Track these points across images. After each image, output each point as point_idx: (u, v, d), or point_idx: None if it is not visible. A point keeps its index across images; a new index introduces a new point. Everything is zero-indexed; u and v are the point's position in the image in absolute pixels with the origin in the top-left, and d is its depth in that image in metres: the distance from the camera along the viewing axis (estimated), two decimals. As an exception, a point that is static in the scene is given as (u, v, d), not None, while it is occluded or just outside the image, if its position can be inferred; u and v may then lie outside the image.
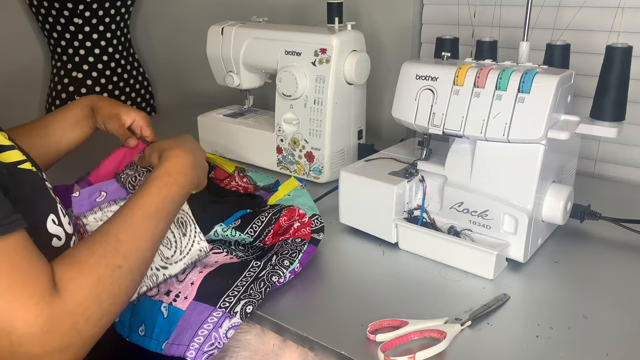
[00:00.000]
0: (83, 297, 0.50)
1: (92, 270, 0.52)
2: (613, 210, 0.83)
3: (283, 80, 1.02)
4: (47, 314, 0.47)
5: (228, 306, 0.67)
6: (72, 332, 0.48)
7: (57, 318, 0.47)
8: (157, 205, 0.62)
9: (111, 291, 0.53)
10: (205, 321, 0.66)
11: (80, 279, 0.51)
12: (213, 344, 0.64)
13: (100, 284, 0.52)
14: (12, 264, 0.46)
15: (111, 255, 0.54)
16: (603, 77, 0.75)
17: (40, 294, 0.47)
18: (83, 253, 0.53)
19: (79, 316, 0.49)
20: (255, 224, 0.78)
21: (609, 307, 0.67)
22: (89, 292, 0.51)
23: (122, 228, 0.58)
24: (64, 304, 0.48)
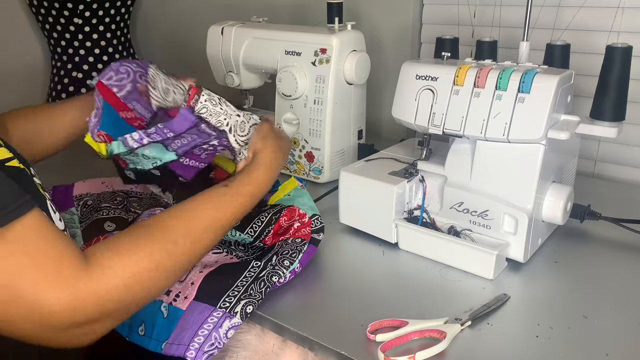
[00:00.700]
0: (114, 285, 0.51)
1: (133, 265, 0.53)
2: (613, 210, 0.83)
3: (283, 80, 1.02)
4: (72, 293, 0.48)
5: (228, 306, 0.67)
6: (97, 309, 0.50)
7: (82, 297, 0.48)
8: (227, 222, 0.64)
9: (147, 286, 0.54)
10: (205, 321, 0.66)
11: (117, 269, 0.51)
12: (213, 344, 0.64)
13: (137, 278, 0.53)
14: (34, 244, 0.47)
15: (159, 255, 0.55)
16: (603, 77, 0.75)
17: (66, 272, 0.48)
18: (131, 245, 0.54)
19: (105, 297, 0.50)
20: (255, 224, 0.78)
21: (609, 307, 0.67)
22: (123, 282, 0.51)
23: (182, 233, 0.59)
24: (90, 284, 0.49)
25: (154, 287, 0.55)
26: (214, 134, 0.76)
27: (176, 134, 0.74)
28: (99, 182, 1.00)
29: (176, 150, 0.76)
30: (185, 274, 0.61)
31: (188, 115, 0.74)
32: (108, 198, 0.92)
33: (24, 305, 0.47)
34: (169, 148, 0.75)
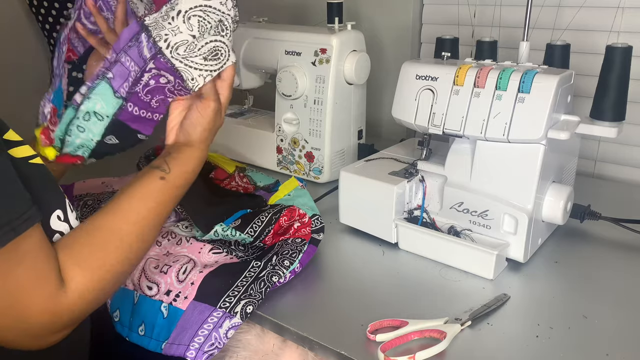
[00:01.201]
0: (85, 297, 0.56)
1: (96, 269, 0.57)
2: (613, 210, 0.83)
3: (283, 80, 1.02)
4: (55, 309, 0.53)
5: (228, 306, 0.67)
6: (73, 318, 0.55)
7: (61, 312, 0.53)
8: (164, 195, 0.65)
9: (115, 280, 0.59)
10: (205, 321, 0.66)
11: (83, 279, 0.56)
12: (213, 344, 0.64)
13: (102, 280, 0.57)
14: (31, 260, 0.51)
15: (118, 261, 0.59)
16: (603, 77, 0.75)
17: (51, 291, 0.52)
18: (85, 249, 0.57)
19: (78, 308, 0.55)
20: (255, 224, 0.78)
21: (609, 307, 0.67)
22: (91, 287, 0.56)
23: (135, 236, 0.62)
24: (67, 302, 0.54)
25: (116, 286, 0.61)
26: (149, 55, 0.68)
27: (117, 53, 0.68)
28: (98, 182, 1.00)
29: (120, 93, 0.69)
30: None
31: (133, 26, 0.69)
32: (108, 198, 0.92)
33: (14, 315, 0.51)
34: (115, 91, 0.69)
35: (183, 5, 0.67)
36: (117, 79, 0.69)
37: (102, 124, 0.70)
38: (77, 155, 0.73)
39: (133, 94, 0.70)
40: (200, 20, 0.68)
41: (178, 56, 0.68)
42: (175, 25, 0.67)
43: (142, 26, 0.68)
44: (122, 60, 0.69)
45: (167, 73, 0.68)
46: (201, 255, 0.76)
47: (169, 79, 0.69)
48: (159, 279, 0.72)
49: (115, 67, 0.68)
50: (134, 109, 0.71)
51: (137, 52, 0.68)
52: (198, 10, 0.68)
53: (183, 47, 0.68)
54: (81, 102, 0.69)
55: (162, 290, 0.71)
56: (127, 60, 0.69)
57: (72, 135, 0.71)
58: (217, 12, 0.70)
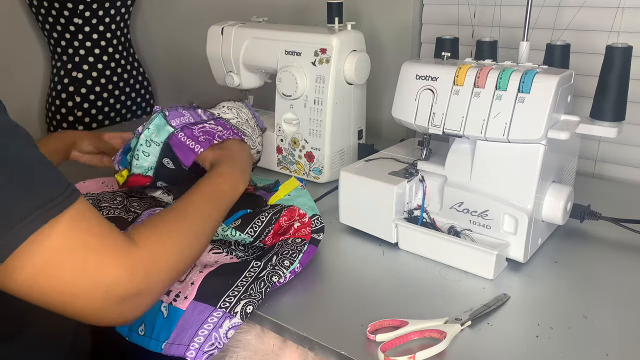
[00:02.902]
0: (156, 250, 0.58)
1: (163, 230, 0.61)
2: (613, 210, 0.83)
3: (283, 80, 1.02)
4: (129, 261, 0.54)
5: (228, 306, 0.67)
6: (146, 278, 0.56)
7: (136, 265, 0.55)
8: (211, 193, 0.72)
9: (177, 248, 0.61)
10: (205, 321, 0.66)
11: (153, 235, 0.59)
12: (213, 344, 0.64)
13: (169, 240, 0.60)
14: (90, 224, 0.53)
15: (180, 221, 0.64)
16: (603, 77, 0.75)
17: (121, 245, 0.54)
18: (156, 219, 0.63)
19: (152, 265, 0.57)
20: (255, 224, 0.78)
21: (609, 307, 0.67)
22: (160, 246, 0.59)
23: (186, 204, 0.68)
24: (140, 253, 0.56)
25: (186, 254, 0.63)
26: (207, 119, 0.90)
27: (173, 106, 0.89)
28: (99, 182, 1.00)
29: (172, 124, 0.86)
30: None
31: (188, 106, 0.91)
32: (108, 198, 0.92)
33: (91, 276, 0.52)
34: (168, 122, 0.86)
35: (221, 110, 0.96)
36: (172, 116, 0.87)
37: (159, 148, 0.86)
38: (147, 176, 0.87)
39: (186, 127, 0.86)
40: (236, 112, 0.96)
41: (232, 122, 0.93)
42: (222, 111, 0.95)
43: (195, 107, 0.92)
44: (179, 109, 0.89)
45: (221, 127, 0.89)
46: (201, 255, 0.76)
47: (222, 131, 0.88)
48: None
49: (172, 110, 0.88)
50: (182, 136, 0.85)
51: (194, 113, 0.90)
52: (231, 110, 0.96)
53: (233, 121, 0.93)
54: (142, 131, 0.86)
55: None
56: (183, 111, 0.89)
57: (140, 159, 0.86)
58: (244, 114, 0.98)
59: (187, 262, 0.64)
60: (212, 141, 0.84)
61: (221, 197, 0.74)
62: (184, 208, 0.67)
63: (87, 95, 1.66)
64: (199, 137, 0.84)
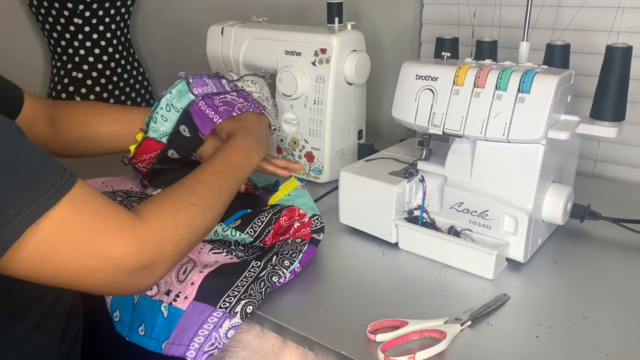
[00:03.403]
0: (164, 222, 0.59)
1: (171, 205, 0.61)
2: (613, 210, 0.83)
3: (283, 80, 1.02)
4: (135, 237, 0.55)
5: (228, 306, 0.67)
6: (156, 249, 0.57)
7: (144, 239, 0.56)
8: (223, 166, 0.73)
9: (188, 221, 0.62)
10: (205, 321, 0.66)
11: (160, 210, 0.60)
12: (213, 344, 0.64)
13: (178, 213, 0.61)
14: (91, 206, 0.54)
15: (187, 195, 0.64)
16: (603, 77, 0.75)
17: (125, 222, 0.55)
18: (163, 195, 0.63)
19: (161, 237, 0.57)
20: (255, 224, 0.78)
21: (609, 307, 0.67)
22: (168, 218, 0.59)
23: (195, 179, 0.68)
24: (147, 227, 0.56)
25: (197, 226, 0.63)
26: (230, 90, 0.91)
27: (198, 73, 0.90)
28: (99, 182, 1.00)
29: (194, 92, 0.87)
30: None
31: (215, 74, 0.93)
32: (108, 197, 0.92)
33: (99, 256, 0.53)
34: (191, 89, 0.88)
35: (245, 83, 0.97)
36: (195, 84, 0.88)
37: (177, 114, 0.87)
38: (160, 142, 0.88)
39: (207, 97, 0.87)
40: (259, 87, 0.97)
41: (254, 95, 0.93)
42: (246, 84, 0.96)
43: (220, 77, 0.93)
44: (203, 77, 0.90)
45: (242, 99, 0.89)
46: (201, 255, 0.76)
47: (243, 103, 0.89)
48: None
49: (196, 78, 0.89)
50: (203, 105, 0.87)
51: (218, 83, 0.92)
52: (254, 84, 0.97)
53: (255, 95, 0.94)
54: (164, 94, 0.87)
55: (162, 290, 0.71)
56: (207, 80, 0.90)
57: (157, 123, 0.87)
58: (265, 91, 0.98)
59: (199, 234, 0.64)
60: (231, 112, 0.85)
61: (234, 169, 0.74)
62: (191, 182, 0.67)
63: (87, 95, 1.66)
64: (219, 108, 0.86)
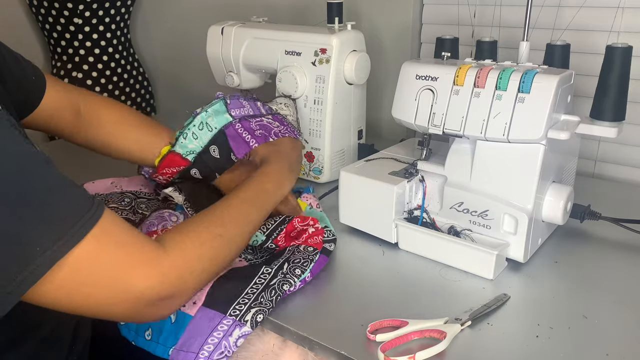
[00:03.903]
0: (188, 255, 0.59)
1: (197, 236, 0.62)
2: (613, 210, 0.82)
3: (283, 80, 1.02)
4: (159, 270, 0.55)
5: (238, 314, 0.66)
6: (179, 282, 0.58)
7: (167, 272, 0.56)
8: (254, 194, 0.73)
9: (212, 253, 0.62)
10: (215, 329, 0.65)
11: (185, 241, 0.60)
12: (222, 352, 0.64)
13: (203, 246, 0.61)
14: (116, 238, 0.54)
15: (214, 225, 0.64)
16: (603, 77, 0.75)
17: (149, 254, 0.55)
18: (190, 223, 0.64)
19: (184, 270, 0.58)
20: (268, 222, 0.78)
21: (609, 307, 0.67)
22: (193, 250, 0.60)
23: (224, 208, 0.68)
24: (171, 259, 0.57)
25: (221, 257, 0.64)
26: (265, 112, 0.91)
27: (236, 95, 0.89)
28: (108, 182, 0.99)
29: (232, 113, 0.87)
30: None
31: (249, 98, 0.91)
32: (116, 199, 0.92)
33: (121, 288, 0.53)
34: (228, 110, 0.87)
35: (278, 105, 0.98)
36: (233, 105, 0.87)
37: (211, 134, 0.86)
38: (186, 159, 0.87)
39: (244, 119, 0.86)
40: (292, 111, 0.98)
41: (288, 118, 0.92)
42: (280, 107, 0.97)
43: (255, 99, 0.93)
44: (240, 99, 0.89)
45: (278, 122, 0.89)
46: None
47: (279, 126, 0.88)
48: None
49: (234, 99, 0.89)
50: (240, 128, 0.86)
51: (254, 105, 0.91)
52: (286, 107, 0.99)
53: (290, 119, 0.94)
54: (199, 112, 0.86)
55: None
56: (244, 102, 0.89)
57: (187, 139, 0.86)
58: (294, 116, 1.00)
59: (222, 265, 0.65)
60: (267, 138, 0.85)
61: (265, 197, 0.74)
62: (221, 210, 0.67)
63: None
64: (256, 131, 0.86)
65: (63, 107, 0.82)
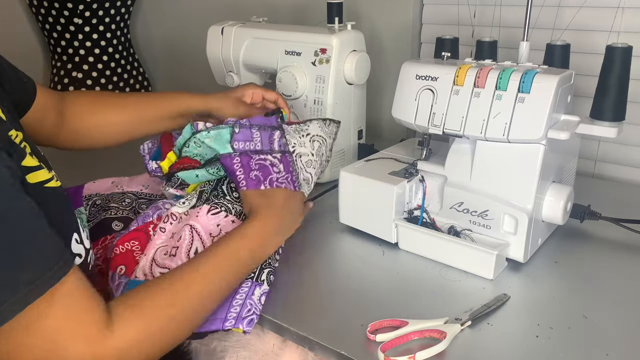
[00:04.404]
0: (134, 336, 0.54)
1: (148, 316, 0.56)
2: (613, 210, 0.82)
3: (283, 80, 1.02)
4: (98, 352, 0.51)
5: (254, 276, 0.69)
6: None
7: (104, 354, 0.51)
8: (225, 262, 0.65)
9: (161, 337, 0.57)
10: (237, 292, 0.67)
11: (134, 321, 0.54)
12: (250, 309, 0.65)
13: (152, 329, 0.55)
14: (66, 307, 0.50)
15: (169, 305, 0.58)
16: (603, 77, 0.75)
17: (93, 333, 0.51)
18: (145, 298, 0.57)
19: (125, 353, 0.53)
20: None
21: (609, 307, 0.67)
22: (141, 333, 0.54)
23: (185, 279, 0.61)
24: (114, 342, 0.52)
25: (170, 339, 0.58)
26: (277, 149, 0.80)
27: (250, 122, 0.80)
28: (108, 182, 0.99)
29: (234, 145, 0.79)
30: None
31: (272, 120, 0.82)
32: (117, 199, 0.92)
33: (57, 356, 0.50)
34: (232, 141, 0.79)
35: (312, 130, 0.85)
36: (239, 137, 0.79)
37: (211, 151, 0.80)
38: (194, 159, 0.82)
39: (245, 154, 0.78)
40: (319, 146, 0.85)
41: (300, 163, 0.82)
42: (303, 141, 0.83)
43: (280, 126, 0.82)
44: (252, 130, 0.80)
45: (283, 166, 0.79)
46: (199, 218, 0.75)
47: (280, 172, 0.79)
48: (169, 263, 0.71)
49: (244, 130, 0.80)
50: (237, 162, 0.78)
51: (267, 138, 0.81)
52: (320, 138, 0.86)
53: (305, 159, 0.83)
54: (199, 130, 0.79)
55: None
56: (256, 133, 0.80)
57: (190, 147, 0.81)
58: (327, 147, 0.87)
59: (170, 345, 0.59)
60: (260, 184, 0.76)
61: (238, 265, 0.66)
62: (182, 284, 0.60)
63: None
64: (251, 172, 0.77)
65: (48, 109, 0.81)
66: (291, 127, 0.84)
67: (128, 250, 0.76)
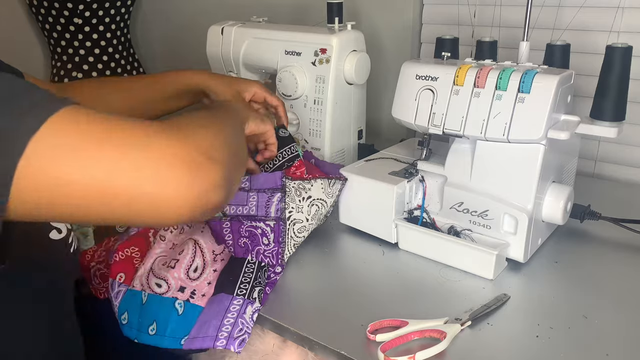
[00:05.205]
0: (204, 134, 0.48)
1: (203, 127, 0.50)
2: (613, 210, 0.82)
3: (283, 80, 1.02)
4: (179, 146, 0.44)
5: (245, 293, 0.69)
6: (203, 155, 0.45)
7: (184, 147, 0.44)
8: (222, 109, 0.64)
9: (223, 141, 0.50)
10: (228, 310, 0.67)
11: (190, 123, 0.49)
12: (242, 329, 0.65)
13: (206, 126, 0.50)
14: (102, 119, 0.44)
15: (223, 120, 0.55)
16: (603, 77, 0.75)
17: (151, 129, 0.45)
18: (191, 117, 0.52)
19: (205, 145, 0.46)
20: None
21: (609, 307, 0.67)
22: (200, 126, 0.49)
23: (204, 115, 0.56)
24: (186, 133, 0.46)
25: (230, 143, 0.52)
26: (272, 215, 0.76)
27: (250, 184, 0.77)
28: None
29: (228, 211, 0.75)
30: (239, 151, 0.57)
31: (277, 177, 0.78)
32: None
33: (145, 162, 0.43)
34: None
35: (313, 193, 0.80)
36: (234, 199, 0.75)
37: None
38: None
39: (237, 220, 0.75)
40: (316, 210, 0.80)
41: (292, 231, 0.77)
42: (301, 206, 0.78)
43: (283, 185, 0.78)
44: (248, 193, 0.77)
45: (274, 236, 0.75)
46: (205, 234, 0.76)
47: (269, 243, 0.75)
48: (166, 274, 0.72)
49: (239, 193, 0.76)
50: (225, 227, 0.75)
51: (264, 201, 0.76)
52: (319, 202, 0.80)
53: (298, 226, 0.78)
54: None
55: (173, 286, 0.71)
56: (252, 198, 0.76)
57: None
58: (326, 208, 0.82)
59: (240, 151, 0.54)
60: (247, 254, 0.75)
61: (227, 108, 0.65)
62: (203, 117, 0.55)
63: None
64: (240, 240, 0.75)
65: None
66: (294, 183, 0.79)
67: (128, 257, 0.76)
